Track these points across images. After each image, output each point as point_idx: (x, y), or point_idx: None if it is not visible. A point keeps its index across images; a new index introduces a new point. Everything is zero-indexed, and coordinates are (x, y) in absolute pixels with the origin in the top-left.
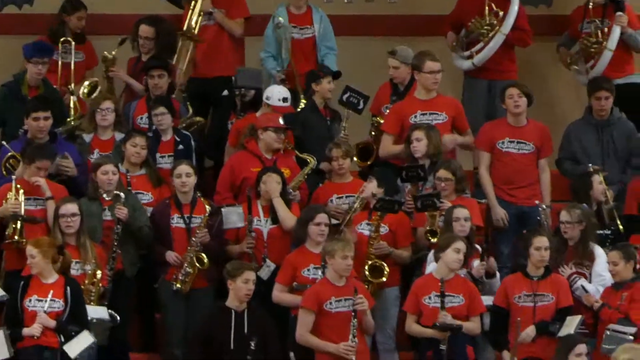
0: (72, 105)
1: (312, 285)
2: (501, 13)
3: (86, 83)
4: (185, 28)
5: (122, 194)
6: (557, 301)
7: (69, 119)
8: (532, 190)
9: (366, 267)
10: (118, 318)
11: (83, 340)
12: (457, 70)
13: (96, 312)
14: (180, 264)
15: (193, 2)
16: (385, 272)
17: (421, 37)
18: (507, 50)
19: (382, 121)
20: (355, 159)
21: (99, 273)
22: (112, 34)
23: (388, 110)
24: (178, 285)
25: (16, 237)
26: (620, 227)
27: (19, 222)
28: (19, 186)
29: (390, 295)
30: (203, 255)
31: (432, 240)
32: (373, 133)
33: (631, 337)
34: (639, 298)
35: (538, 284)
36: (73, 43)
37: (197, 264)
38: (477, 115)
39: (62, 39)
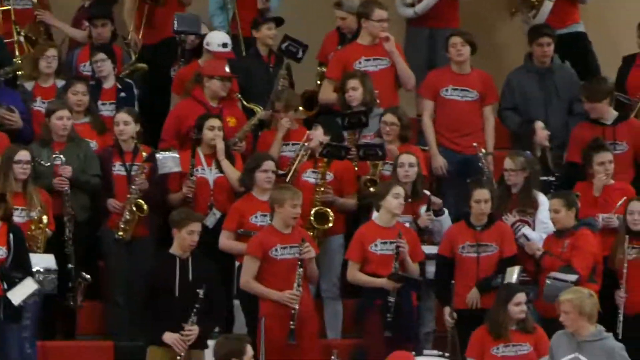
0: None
1: (258, 232)
2: None
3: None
4: None
5: (62, 157)
6: (501, 251)
7: (15, 59)
8: (477, 138)
9: (311, 214)
10: (89, 277)
11: (27, 287)
12: (400, 18)
13: (43, 260)
14: (120, 212)
15: None
16: (330, 219)
17: None
18: None
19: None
20: (300, 107)
21: (45, 218)
22: None
23: (331, 57)
24: (120, 233)
25: None
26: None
27: None
28: None
29: (334, 243)
30: (142, 202)
31: (371, 189)
32: (319, 82)
33: (572, 285)
34: (580, 245)
35: (481, 233)
36: None
37: (137, 212)
38: (418, 64)
39: None
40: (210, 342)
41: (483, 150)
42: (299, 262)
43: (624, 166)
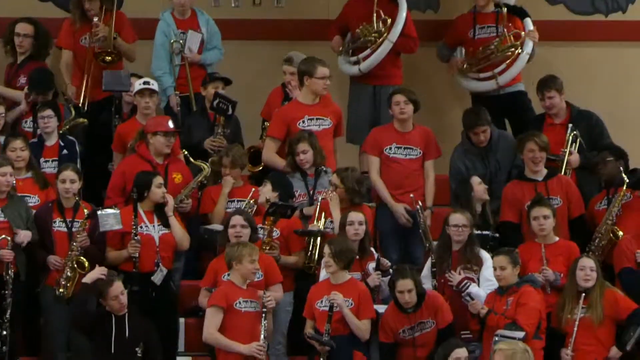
0: None
1: (219, 286)
2: (389, 20)
3: None
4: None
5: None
6: (437, 323)
7: None
8: (420, 196)
9: None
10: None
11: None
12: (342, 74)
13: None
14: (61, 269)
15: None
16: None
17: (308, 41)
18: (393, 56)
19: None
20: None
21: None
22: None
23: (272, 116)
24: (60, 290)
25: None
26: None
27: None
28: None
29: (282, 301)
30: (83, 259)
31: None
32: (264, 137)
33: (520, 342)
34: (524, 302)
35: (415, 315)
36: None
37: (78, 269)
38: (362, 121)
39: None
40: None
41: (420, 203)
42: (263, 315)
43: (560, 221)
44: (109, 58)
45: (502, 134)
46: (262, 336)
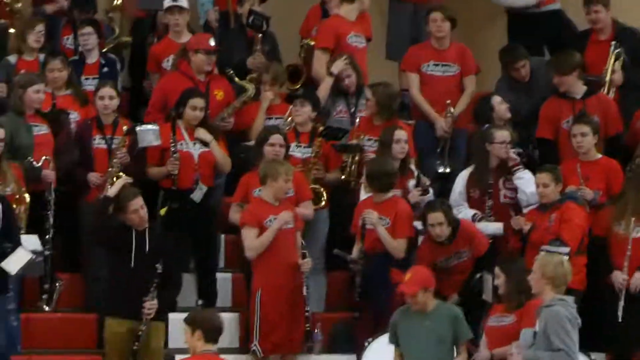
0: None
1: (248, 205)
2: None
3: None
4: None
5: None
6: (473, 252)
7: None
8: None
9: None
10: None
11: (21, 257)
12: None
13: (28, 242)
14: (101, 185)
15: None
16: (323, 199)
17: None
18: None
19: (312, 43)
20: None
21: (27, 196)
22: None
23: (318, 28)
24: None
25: None
26: None
27: None
28: None
29: (319, 217)
30: (124, 175)
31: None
32: (302, 55)
33: (566, 257)
34: (568, 218)
35: (450, 246)
36: None
37: None
38: (402, 39)
39: None
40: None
41: (452, 110)
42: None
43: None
44: None
45: (540, 62)
46: (300, 256)
